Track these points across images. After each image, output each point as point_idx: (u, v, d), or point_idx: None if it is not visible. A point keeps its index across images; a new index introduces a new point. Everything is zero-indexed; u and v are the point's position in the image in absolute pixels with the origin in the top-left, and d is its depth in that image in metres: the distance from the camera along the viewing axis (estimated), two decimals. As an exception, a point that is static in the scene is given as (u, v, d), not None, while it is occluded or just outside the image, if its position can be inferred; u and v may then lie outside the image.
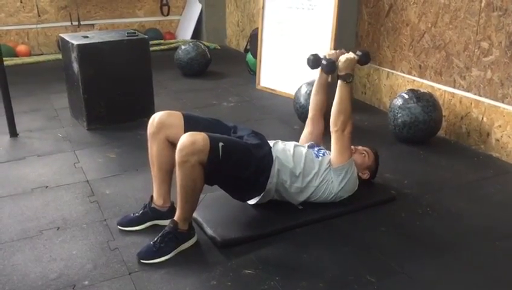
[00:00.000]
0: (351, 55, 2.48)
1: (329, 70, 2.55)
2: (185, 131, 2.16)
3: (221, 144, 2.07)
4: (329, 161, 2.44)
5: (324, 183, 2.41)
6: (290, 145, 2.47)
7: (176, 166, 2.07)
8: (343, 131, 2.40)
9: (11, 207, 2.57)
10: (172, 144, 2.20)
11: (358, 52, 2.58)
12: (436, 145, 3.38)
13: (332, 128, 2.43)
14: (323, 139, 2.75)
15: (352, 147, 2.63)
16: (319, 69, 2.66)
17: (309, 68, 2.65)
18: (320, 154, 2.48)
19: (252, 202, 2.45)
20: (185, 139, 2.03)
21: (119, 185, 2.81)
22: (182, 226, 2.16)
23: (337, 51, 2.64)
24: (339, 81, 2.45)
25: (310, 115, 2.77)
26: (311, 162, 2.42)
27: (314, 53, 2.63)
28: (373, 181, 2.72)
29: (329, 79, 2.74)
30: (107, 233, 2.33)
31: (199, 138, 2.03)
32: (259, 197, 2.39)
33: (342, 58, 2.47)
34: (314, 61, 2.61)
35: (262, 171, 2.28)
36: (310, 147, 2.55)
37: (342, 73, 2.45)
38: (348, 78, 2.44)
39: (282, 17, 4.42)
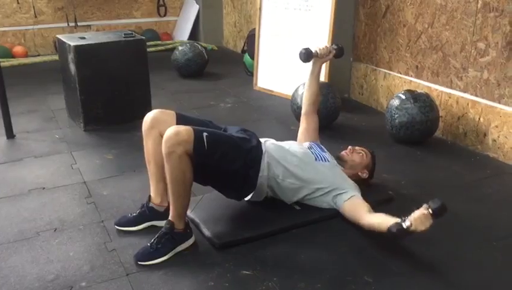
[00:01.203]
0: (427, 213, 1.98)
1: (400, 235, 2.02)
2: None
3: (205, 134, 2.10)
4: (336, 182, 2.42)
5: (321, 195, 2.40)
6: (284, 142, 2.48)
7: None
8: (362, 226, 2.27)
9: (8, 208, 2.56)
10: None
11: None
12: (433, 145, 3.38)
13: (357, 221, 2.28)
14: (319, 134, 2.77)
15: (349, 147, 2.65)
16: (311, 62, 2.70)
17: (301, 62, 2.68)
18: (323, 158, 2.48)
19: (246, 198, 2.45)
20: (169, 131, 2.07)
21: (117, 186, 2.81)
22: (178, 226, 2.15)
23: (329, 46, 2.70)
24: (398, 224, 2.00)
25: (303, 110, 2.79)
26: (308, 164, 2.42)
27: (306, 47, 2.67)
28: (370, 182, 2.72)
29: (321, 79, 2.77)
30: (104, 234, 2.33)
31: (183, 129, 2.07)
32: (253, 193, 2.39)
33: (417, 224, 1.95)
34: (306, 55, 2.65)
35: (251, 164, 2.29)
36: (309, 148, 2.56)
37: (411, 228, 1.96)
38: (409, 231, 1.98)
39: (279, 18, 4.42)
